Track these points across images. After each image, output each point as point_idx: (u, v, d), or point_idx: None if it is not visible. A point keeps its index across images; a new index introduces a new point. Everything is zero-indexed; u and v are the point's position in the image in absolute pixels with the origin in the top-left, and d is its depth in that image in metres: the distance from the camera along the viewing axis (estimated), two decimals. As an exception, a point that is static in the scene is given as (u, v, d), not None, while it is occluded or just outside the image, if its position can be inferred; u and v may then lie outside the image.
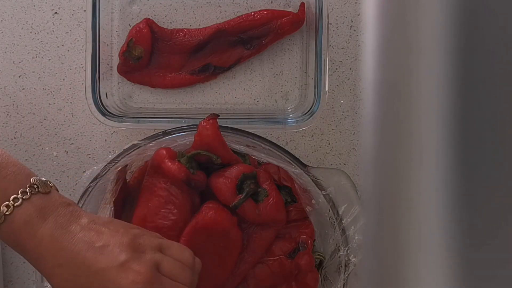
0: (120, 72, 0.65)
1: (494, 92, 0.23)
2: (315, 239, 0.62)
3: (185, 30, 0.65)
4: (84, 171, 0.61)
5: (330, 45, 0.63)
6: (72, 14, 0.67)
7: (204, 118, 0.59)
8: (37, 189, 0.48)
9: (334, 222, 0.60)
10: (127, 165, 0.61)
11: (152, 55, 0.64)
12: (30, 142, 0.67)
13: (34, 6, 0.67)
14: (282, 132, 0.66)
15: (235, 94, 0.67)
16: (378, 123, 0.27)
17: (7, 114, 0.67)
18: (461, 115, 0.23)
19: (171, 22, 0.67)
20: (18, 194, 0.48)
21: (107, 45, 0.64)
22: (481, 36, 0.23)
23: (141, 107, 0.67)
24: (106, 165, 0.60)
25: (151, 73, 0.66)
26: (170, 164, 0.57)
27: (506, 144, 0.23)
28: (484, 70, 0.23)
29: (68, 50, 0.67)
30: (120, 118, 0.63)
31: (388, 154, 0.27)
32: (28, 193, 0.48)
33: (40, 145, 0.67)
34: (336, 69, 0.67)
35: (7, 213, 0.47)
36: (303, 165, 0.61)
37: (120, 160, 0.60)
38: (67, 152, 0.67)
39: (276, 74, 0.67)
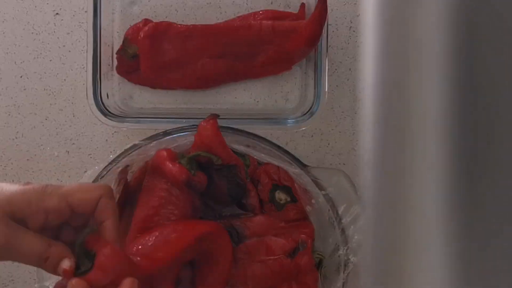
0: (119, 73, 0.65)
1: (494, 91, 0.23)
2: (314, 239, 0.62)
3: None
4: (85, 171, 0.61)
5: (329, 46, 0.63)
6: (73, 15, 0.67)
7: (204, 118, 0.59)
8: None
9: (333, 221, 0.60)
10: (128, 165, 0.61)
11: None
12: (32, 142, 0.67)
13: (36, 7, 0.67)
14: (282, 132, 0.66)
15: (235, 94, 0.67)
16: (378, 123, 0.27)
17: (9, 115, 0.67)
18: (461, 114, 0.23)
19: (171, 23, 0.67)
20: None
21: (108, 45, 0.64)
22: (481, 36, 0.23)
23: (141, 107, 0.67)
24: (107, 165, 0.60)
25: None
26: (170, 165, 0.57)
27: (506, 144, 0.23)
28: (484, 70, 0.23)
29: (69, 51, 0.67)
30: (121, 118, 0.63)
31: (387, 154, 0.27)
32: None
33: (42, 145, 0.67)
34: (336, 69, 0.67)
35: None
36: (303, 165, 0.61)
37: (121, 160, 0.60)
38: (68, 152, 0.67)
39: (276, 74, 0.67)
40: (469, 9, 0.23)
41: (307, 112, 0.63)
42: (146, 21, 0.64)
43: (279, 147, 0.62)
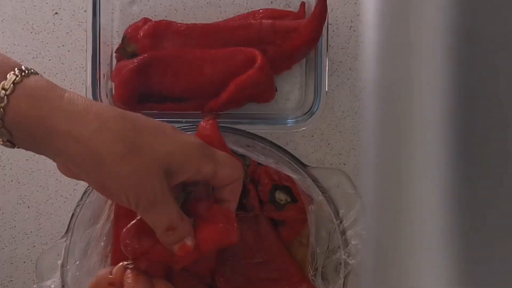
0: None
1: (494, 91, 0.23)
2: (314, 239, 0.62)
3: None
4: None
5: (330, 45, 0.63)
6: (73, 15, 0.67)
7: (203, 118, 0.59)
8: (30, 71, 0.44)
9: (334, 222, 0.60)
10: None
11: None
12: (31, 142, 0.67)
13: (35, 6, 0.67)
14: (282, 132, 0.66)
15: (235, 94, 0.67)
16: (378, 123, 0.27)
17: (8, 114, 0.67)
18: (461, 114, 0.23)
19: (171, 23, 0.66)
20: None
21: (107, 45, 0.64)
22: (481, 36, 0.23)
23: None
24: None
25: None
26: None
27: (506, 144, 0.23)
28: (484, 69, 0.23)
29: (69, 51, 0.67)
30: (120, 118, 0.63)
31: (388, 154, 0.27)
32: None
33: (41, 145, 0.67)
34: (336, 69, 0.67)
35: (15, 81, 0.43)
36: (303, 165, 0.61)
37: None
38: (67, 152, 0.67)
39: (276, 74, 0.66)
40: (469, 9, 0.23)
41: (307, 112, 0.62)
42: (146, 20, 0.64)
43: (279, 147, 0.62)
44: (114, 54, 0.65)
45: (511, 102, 0.23)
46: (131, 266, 0.51)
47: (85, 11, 0.66)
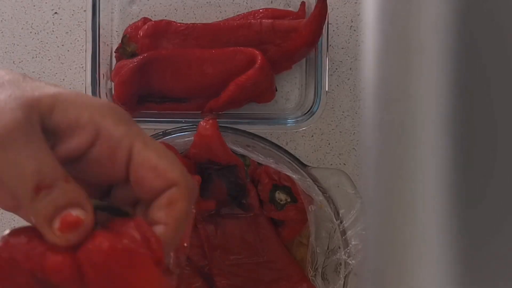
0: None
1: (494, 91, 0.23)
2: (314, 239, 0.62)
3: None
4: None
5: (330, 45, 0.63)
6: (72, 14, 0.67)
7: (203, 118, 0.59)
8: None
9: (334, 222, 0.60)
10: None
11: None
12: (30, 142, 0.67)
13: (34, 6, 0.67)
14: (282, 132, 0.66)
15: (235, 94, 0.67)
16: (378, 123, 0.27)
17: (7, 114, 0.67)
18: (461, 114, 0.23)
19: (171, 22, 0.66)
20: None
21: (107, 45, 0.64)
22: (481, 36, 0.23)
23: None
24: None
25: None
26: None
27: (507, 144, 0.23)
28: (484, 69, 0.23)
29: (68, 50, 0.67)
30: (120, 118, 0.63)
31: (388, 154, 0.27)
32: None
33: (40, 145, 0.67)
34: (336, 69, 0.67)
35: None
36: (303, 165, 0.61)
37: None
38: (67, 152, 0.67)
39: (276, 74, 0.66)
40: (470, 9, 0.23)
41: (307, 112, 0.63)
42: (146, 20, 0.64)
43: (279, 147, 0.62)
44: (113, 54, 0.65)
45: (511, 102, 0.23)
46: None
47: (84, 10, 0.65)
